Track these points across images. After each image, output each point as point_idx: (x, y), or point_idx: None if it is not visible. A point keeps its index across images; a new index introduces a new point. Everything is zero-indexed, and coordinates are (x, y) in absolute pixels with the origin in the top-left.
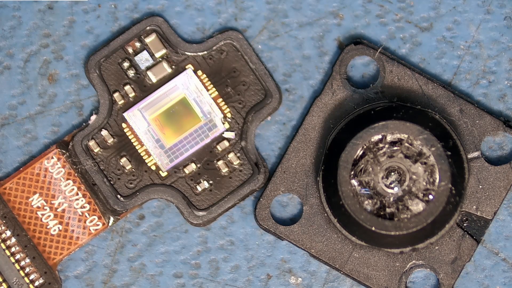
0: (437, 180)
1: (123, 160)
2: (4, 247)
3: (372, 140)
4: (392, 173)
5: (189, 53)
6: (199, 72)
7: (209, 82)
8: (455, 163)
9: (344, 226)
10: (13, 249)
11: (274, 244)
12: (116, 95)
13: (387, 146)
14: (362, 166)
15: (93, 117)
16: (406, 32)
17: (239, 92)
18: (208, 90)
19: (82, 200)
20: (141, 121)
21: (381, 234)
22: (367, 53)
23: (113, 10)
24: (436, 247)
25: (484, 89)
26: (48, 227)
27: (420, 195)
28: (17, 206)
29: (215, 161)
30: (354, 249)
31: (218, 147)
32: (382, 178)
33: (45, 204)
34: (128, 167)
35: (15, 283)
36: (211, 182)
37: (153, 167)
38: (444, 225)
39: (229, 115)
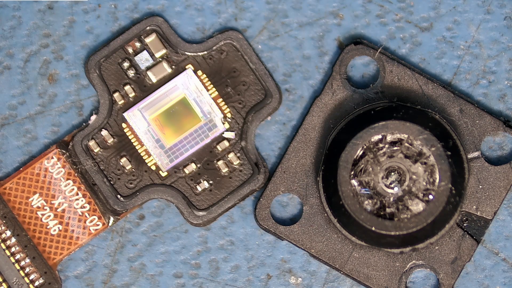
0: (437, 180)
1: (123, 160)
2: (4, 247)
3: (372, 140)
4: (392, 173)
5: (189, 53)
6: (199, 72)
7: (209, 82)
8: (455, 163)
9: (344, 226)
10: (13, 249)
11: (274, 244)
12: (116, 95)
13: (387, 146)
14: (362, 166)
15: (93, 117)
16: (406, 32)
17: (239, 92)
18: (208, 90)
19: (82, 200)
20: (141, 121)
21: (381, 234)
22: (367, 53)
23: (113, 10)
24: (436, 247)
25: (484, 89)
26: (48, 227)
27: (420, 195)
28: (17, 206)
29: (215, 161)
30: (354, 249)
31: (218, 147)
32: (382, 178)
33: (45, 204)
34: (128, 167)
35: (15, 283)
36: (211, 182)
37: (153, 167)
38: (444, 225)
39: (229, 115)
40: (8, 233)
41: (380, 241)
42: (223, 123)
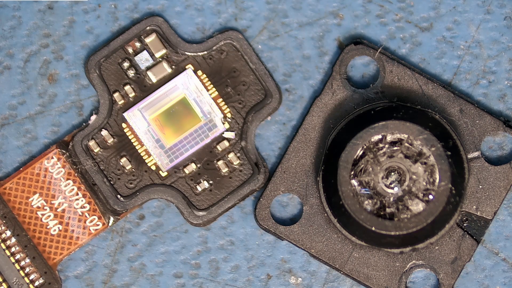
0: (437, 180)
1: (123, 160)
2: (4, 247)
3: (372, 140)
4: (392, 173)
5: (189, 53)
6: (199, 72)
7: (209, 82)
8: (455, 163)
9: (344, 226)
10: (13, 249)
11: (274, 244)
12: (116, 95)
13: (387, 146)
14: (362, 166)
15: (93, 117)
16: (406, 32)
17: (239, 92)
18: (208, 90)
19: (82, 200)
20: (141, 121)
21: (381, 234)
22: (367, 53)
23: (113, 10)
24: (436, 247)
25: (484, 89)
26: (48, 227)
27: (420, 195)
28: (17, 206)
29: (215, 161)
30: (354, 249)
31: (218, 147)
32: (382, 178)
33: (45, 204)
34: (128, 167)
35: (15, 283)
36: (211, 182)
37: (153, 167)
38: (444, 225)
39: (229, 115)
40: (8, 233)
41: (380, 241)
42: (223, 123)
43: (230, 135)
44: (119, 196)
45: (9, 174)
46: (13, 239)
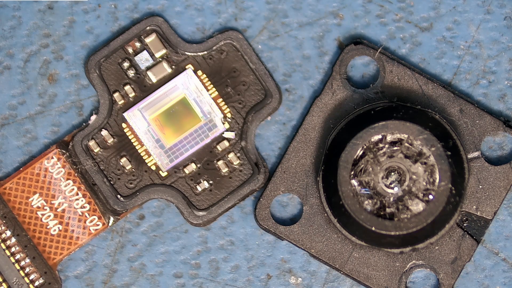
0: (437, 180)
1: (123, 160)
2: (4, 247)
3: (372, 140)
4: (392, 173)
5: (189, 53)
6: (199, 72)
7: (209, 82)
8: (455, 163)
9: (344, 226)
10: (13, 249)
11: (274, 244)
12: (116, 95)
13: (387, 146)
14: (362, 166)
15: (93, 117)
16: (406, 32)
17: (239, 92)
18: (208, 90)
19: (82, 200)
20: (141, 121)
21: (381, 234)
22: (367, 53)
23: (113, 10)
24: (436, 247)
25: (484, 89)
26: (48, 227)
27: (420, 195)
28: (17, 206)
29: (215, 161)
30: (354, 249)
31: (218, 147)
32: (382, 178)
33: (45, 204)
34: (128, 167)
35: (15, 283)
36: (211, 182)
37: (153, 167)
38: (444, 225)
39: (229, 115)
40: (8, 233)
41: (380, 241)
42: (223, 123)
43: (230, 135)
44: (119, 196)
45: (9, 174)
46: (13, 239)
